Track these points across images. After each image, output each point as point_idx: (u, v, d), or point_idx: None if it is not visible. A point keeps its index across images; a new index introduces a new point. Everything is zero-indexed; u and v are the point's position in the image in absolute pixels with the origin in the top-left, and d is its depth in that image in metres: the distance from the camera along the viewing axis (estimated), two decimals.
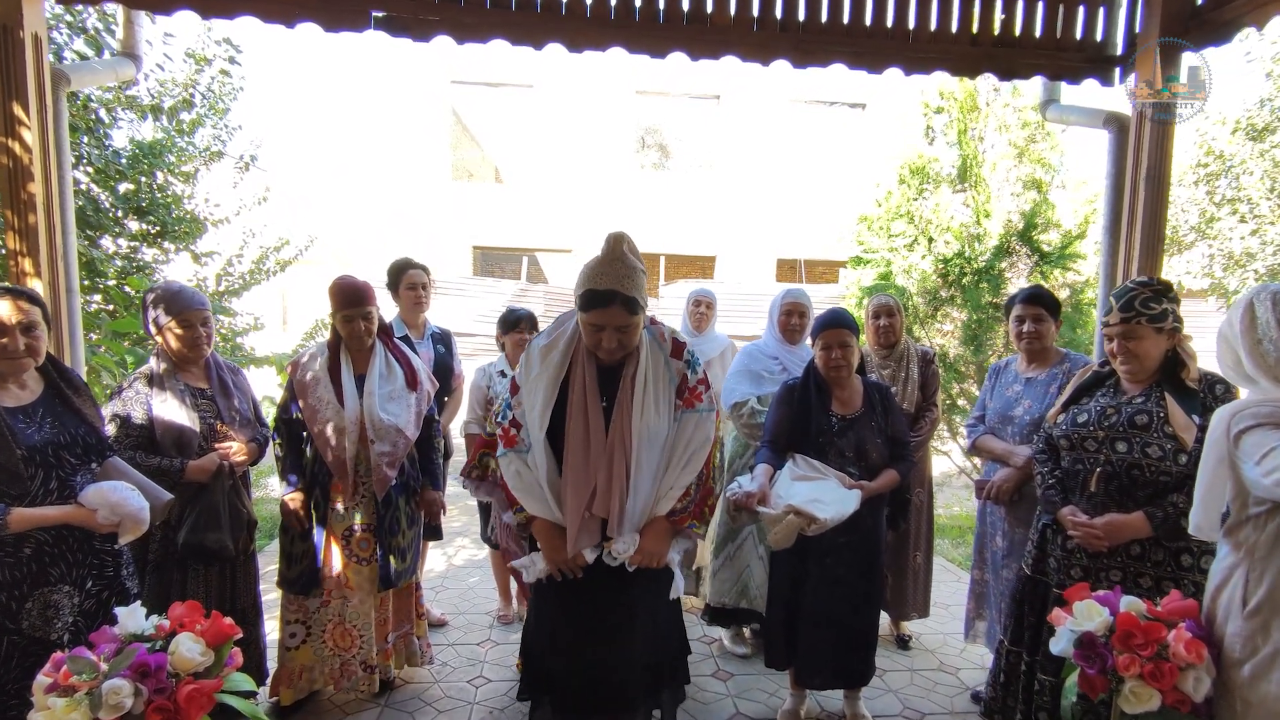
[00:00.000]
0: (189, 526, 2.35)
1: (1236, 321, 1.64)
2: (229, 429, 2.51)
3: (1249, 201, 7.39)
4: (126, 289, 4.39)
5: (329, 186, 13.29)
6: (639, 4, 3.16)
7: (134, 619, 1.65)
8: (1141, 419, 2.03)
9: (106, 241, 4.70)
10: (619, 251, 1.92)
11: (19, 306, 1.84)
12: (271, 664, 2.78)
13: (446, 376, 3.53)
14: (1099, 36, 3.44)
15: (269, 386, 4.55)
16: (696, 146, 16.10)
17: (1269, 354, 1.58)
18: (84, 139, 4.35)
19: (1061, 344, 2.98)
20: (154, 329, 2.45)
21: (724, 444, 3.32)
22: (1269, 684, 1.52)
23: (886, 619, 3.42)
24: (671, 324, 2.25)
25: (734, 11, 3.22)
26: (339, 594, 2.69)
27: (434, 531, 3.41)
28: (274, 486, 2.48)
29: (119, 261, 4.68)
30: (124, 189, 4.69)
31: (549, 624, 2.14)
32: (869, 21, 3.30)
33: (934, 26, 3.34)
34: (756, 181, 14.22)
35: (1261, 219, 7.35)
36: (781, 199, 14.30)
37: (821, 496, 2.30)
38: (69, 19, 3.95)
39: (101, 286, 4.36)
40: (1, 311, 1.81)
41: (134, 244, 4.91)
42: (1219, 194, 7.66)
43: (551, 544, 2.00)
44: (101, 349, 3.76)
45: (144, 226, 4.89)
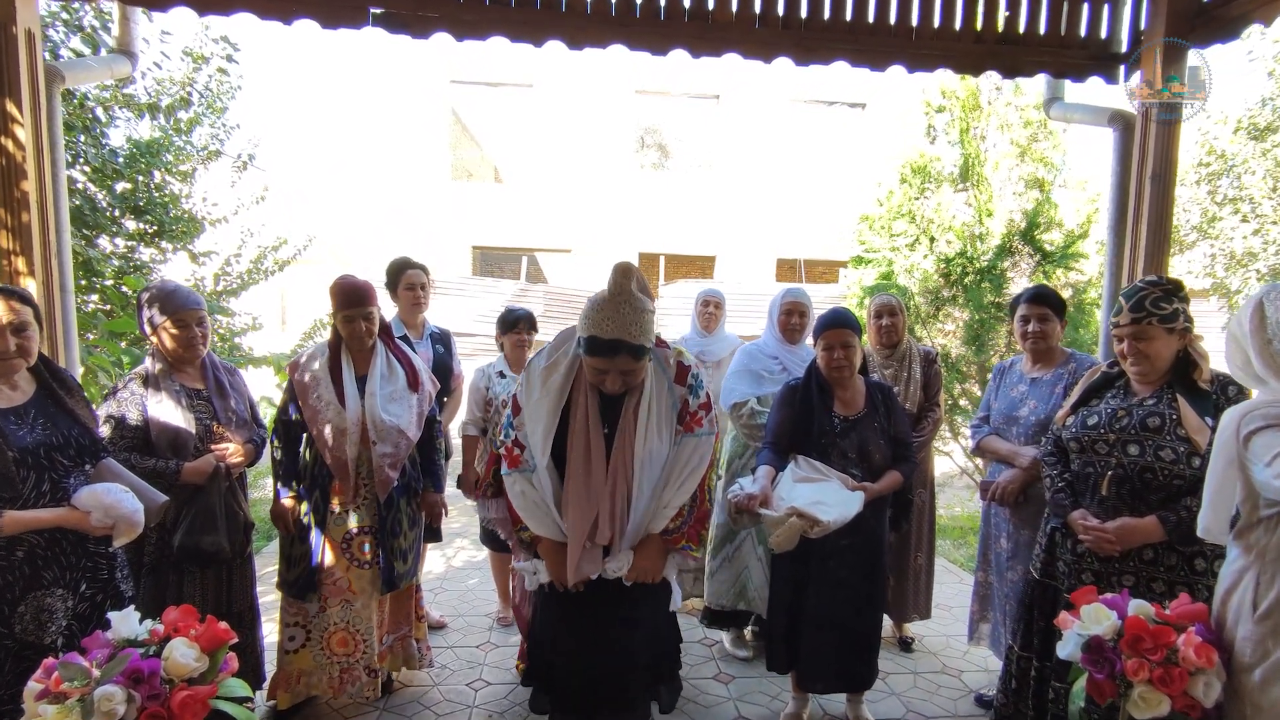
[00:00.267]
0: (185, 529, 2.33)
1: (1246, 321, 1.61)
2: (225, 430, 2.48)
3: (1251, 201, 7.37)
4: (123, 289, 4.37)
5: (328, 186, 13.25)
6: (640, 1, 3.13)
7: (127, 624, 1.63)
8: (1154, 421, 1.99)
9: (103, 241, 4.68)
10: (627, 292, 1.84)
11: (10, 307, 1.82)
12: (270, 667, 2.75)
13: (446, 377, 3.51)
14: (1104, 34, 3.41)
15: (267, 387, 4.53)
16: (696, 146, 16.09)
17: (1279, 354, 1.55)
18: (81, 138, 4.33)
19: (1065, 344, 2.95)
20: (149, 329, 2.42)
21: (724, 445, 3.31)
22: None
23: (889, 621, 3.40)
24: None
25: (736, 8, 3.19)
26: (341, 598, 2.66)
27: (433, 533, 3.37)
28: (271, 488, 2.45)
29: (116, 261, 4.66)
30: (121, 188, 4.67)
31: (551, 628, 2.14)
32: (872, 19, 3.28)
33: (937, 24, 3.32)
34: (756, 181, 14.18)
35: (1263, 218, 7.32)
36: (781, 199, 14.27)
37: (824, 499, 2.27)
38: (65, 16, 3.93)
39: (98, 286, 4.34)
40: None
41: (131, 243, 4.90)
42: (1221, 193, 7.64)
43: (557, 562, 2.00)
44: (98, 349, 3.73)
45: (141, 226, 4.88)
